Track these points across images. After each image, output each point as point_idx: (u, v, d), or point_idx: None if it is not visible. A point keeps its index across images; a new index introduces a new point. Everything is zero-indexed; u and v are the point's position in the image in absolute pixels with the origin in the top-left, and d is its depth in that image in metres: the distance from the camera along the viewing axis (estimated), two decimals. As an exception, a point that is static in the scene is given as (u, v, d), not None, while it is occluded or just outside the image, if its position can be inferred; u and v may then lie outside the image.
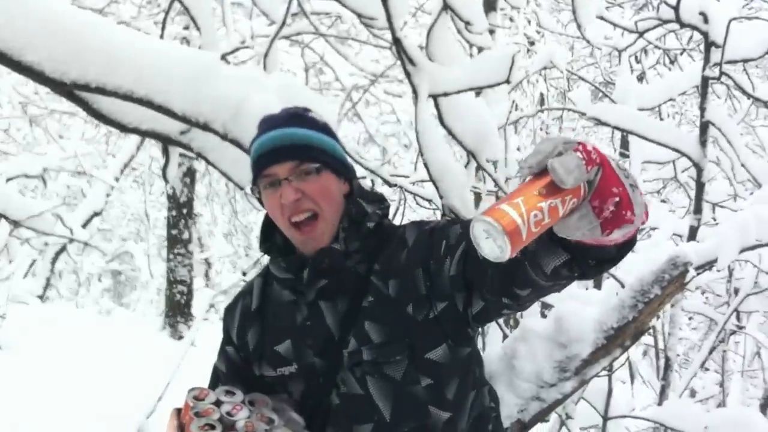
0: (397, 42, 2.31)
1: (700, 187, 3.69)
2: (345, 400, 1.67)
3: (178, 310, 8.78)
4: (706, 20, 3.57)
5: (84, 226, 8.58)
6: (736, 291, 5.02)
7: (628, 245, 1.25)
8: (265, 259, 1.84)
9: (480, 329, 1.69)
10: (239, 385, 1.81)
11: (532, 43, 6.33)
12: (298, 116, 1.75)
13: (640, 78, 7.54)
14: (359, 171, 2.77)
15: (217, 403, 1.70)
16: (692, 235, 3.64)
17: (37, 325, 7.36)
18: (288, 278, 1.74)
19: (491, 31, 5.07)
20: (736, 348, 6.38)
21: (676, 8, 3.55)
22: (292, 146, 1.68)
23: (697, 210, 3.69)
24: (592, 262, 1.27)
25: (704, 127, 3.68)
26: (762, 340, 5.51)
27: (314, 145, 1.70)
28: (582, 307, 1.96)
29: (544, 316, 2.68)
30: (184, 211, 8.51)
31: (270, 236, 1.79)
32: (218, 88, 2.33)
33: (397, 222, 2.18)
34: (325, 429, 1.71)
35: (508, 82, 2.14)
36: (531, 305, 1.54)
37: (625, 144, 8.70)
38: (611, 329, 1.98)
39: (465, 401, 1.66)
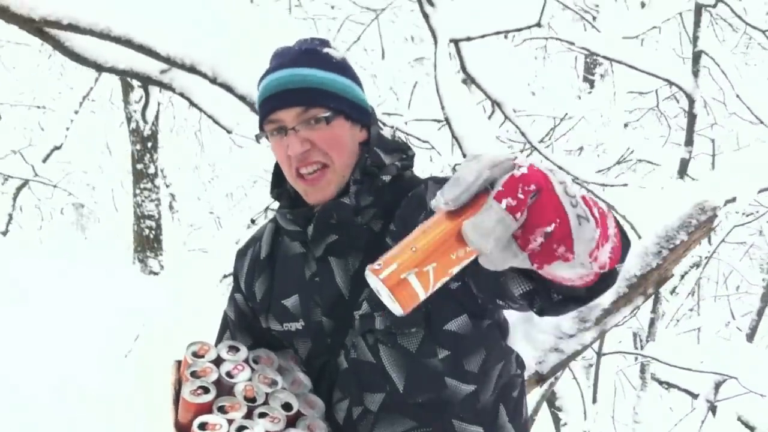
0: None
1: (692, 118, 3.62)
2: (355, 366, 1.56)
3: (147, 244, 8.61)
4: (701, -56, 3.45)
5: (44, 160, 8.33)
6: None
7: (601, 285, 1.08)
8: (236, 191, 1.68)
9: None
10: (247, 336, 1.72)
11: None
12: (310, 53, 1.56)
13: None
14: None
15: (218, 361, 1.58)
16: (683, 167, 3.59)
17: (1, 261, 7.17)
18: (295, 230, 1.61)
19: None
20: (707, 273, 6.46)
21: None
22: (300, 90, 1.51)
23: (689, 142, 3.64)
24: (557, 297, 1.12)
25: (697, 56, 3.60)
26: (737, 267, 5.59)
27: (325, 89, 1.52)
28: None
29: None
30: (149, 144, 8.26)
31: (280, 182, 1.65)
32: (206, 25, 2.17)
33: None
34: (333, 392, 1.61)
35: (539, 25, 1.98)
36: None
37: (589, 69, 8.62)
38: (634, 277, 1.91)
39: (492, 373, 1.57)
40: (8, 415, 4.56)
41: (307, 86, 1.52)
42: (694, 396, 3.88)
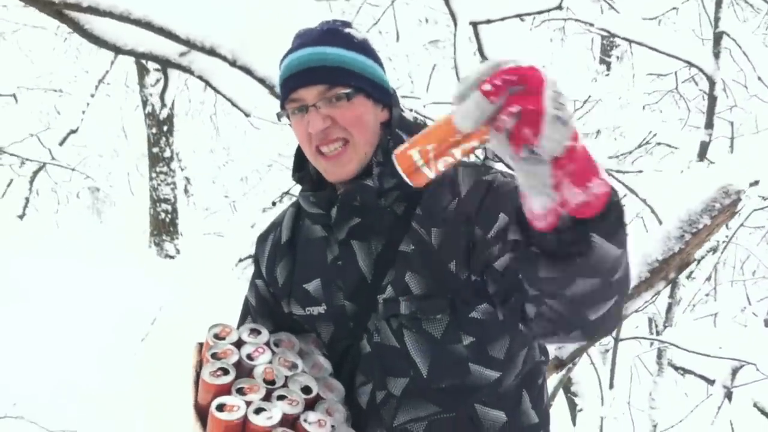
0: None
1: (712, 100, 3.59)
2: (378, 350, 1.56)
3: (163, 228, 8.64)
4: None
5: (61, 144, 8.36)
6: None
7: (573, 246, 1.16)
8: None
9: None
10: (268, 321, 1.71)
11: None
12: (333, 33, 1.55)
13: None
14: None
15: (239, 344, 1.57)
16: (703, 150, 3.56)
17: (18, 247, 7.22)
18: (318, 213, 1.61)
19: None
20: (724, 258, 6.40)
21: None
22: (322, 68, 1.50)
23: (709, 125, 3.60)
24: (534, 249, 1.20)
25: (718, 38, 3.56)
26: (755, 252, 5.55)
27: (347, 67, 1.51)
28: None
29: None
30: (165, 128, 8.27)
31: (303, 165, 1.64)
32: (225, 8, 2.17)
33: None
34: (355, 376, 1.60)
35: (560, 8, 1.96)
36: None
37: (605, 51, 8.56)
38: (656, 261, 1.90)
39: (517, 359, 1.56)
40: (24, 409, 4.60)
41: (328, 65, 1.51)
42: (710, 382, 3.86)
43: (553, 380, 3.03)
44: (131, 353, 5.50)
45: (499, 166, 2.23)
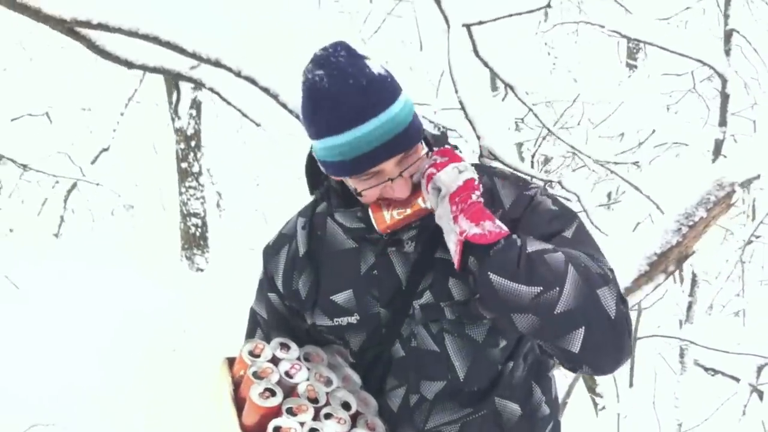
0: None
1: (724, 98, 3.58)
2: (415, 355, 1.58)
3: (193, 242, 8.72)
4: None
5: (93, 162, 8.53)
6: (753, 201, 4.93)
7: (482, 294, 1.37)
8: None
9: None
10: (282, 334, 1.68)
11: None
12: (370, 89, 1.42)
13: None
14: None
15: (274, 361, 1.56)
16: (718, 148, 3.55)
17: (53, 263, 7.38)
18: (359, 228, 1.57)
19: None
20: (750, 258, 6.31)
21: None
22: (394, 139, 1.42)
23: (722, 122, 3.59)
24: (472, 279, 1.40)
25: (728, 35, 3.55)
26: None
27: (409, 123, 1.44)
28: (622, 235, 1.89)
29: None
30: (192, 143, 8.35)
31: (318, 181, 1.63)
32: (231, 21, 2.23)
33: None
34: (386, 381, 1.62)
35: (549, 6, 1.99)
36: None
37: (631, 55, 8.50)
38: (654, 255, 1.91)
39: (520, 350, 1.61)
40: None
41: (398, 131, 1.43)
42: (738, 381, 3.82)
43: (568, 377, 3.04)
44: (162, 362, 5.58)
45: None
